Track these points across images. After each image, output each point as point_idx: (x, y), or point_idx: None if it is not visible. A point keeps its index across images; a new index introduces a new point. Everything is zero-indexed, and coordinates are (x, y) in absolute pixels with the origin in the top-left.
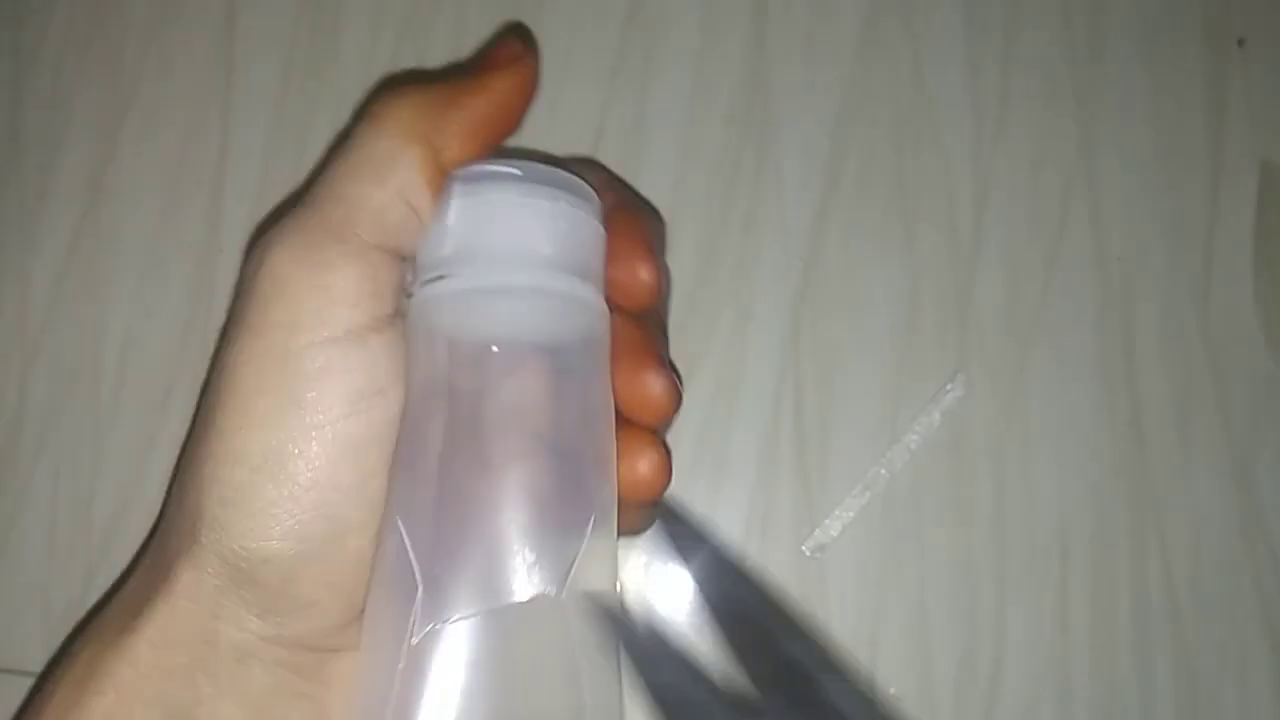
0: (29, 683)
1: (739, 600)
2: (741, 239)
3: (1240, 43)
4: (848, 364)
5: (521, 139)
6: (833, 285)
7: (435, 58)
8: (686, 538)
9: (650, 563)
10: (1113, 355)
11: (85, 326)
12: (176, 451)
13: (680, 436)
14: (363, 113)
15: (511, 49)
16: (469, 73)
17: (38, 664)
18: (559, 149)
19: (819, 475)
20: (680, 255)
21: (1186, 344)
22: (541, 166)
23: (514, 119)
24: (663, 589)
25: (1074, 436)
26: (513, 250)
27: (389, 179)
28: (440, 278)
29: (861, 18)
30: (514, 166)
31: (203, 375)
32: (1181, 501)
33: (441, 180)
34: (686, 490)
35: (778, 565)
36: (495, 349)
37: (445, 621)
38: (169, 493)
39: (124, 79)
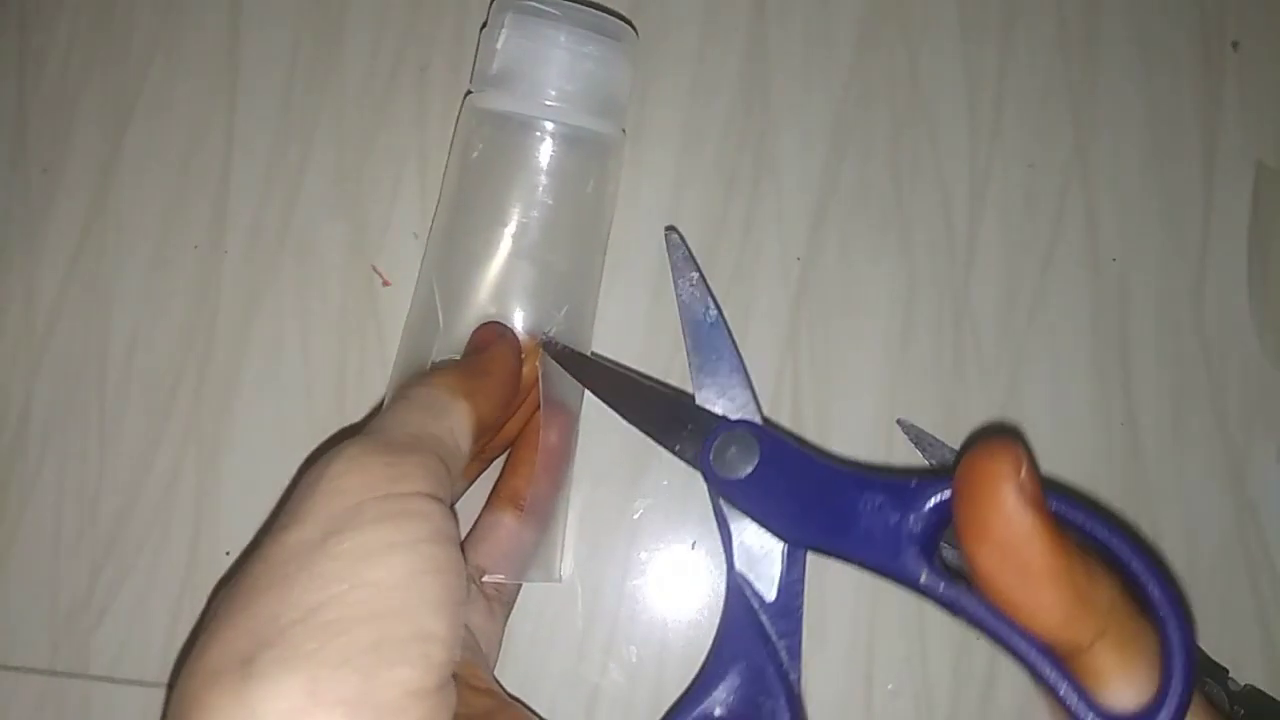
0: (35, 680)
1: None
2: (740, 241)
3: (1234, 45)
4: (845, 364)
5: None
6: (831, 286)
7: (436, 59)
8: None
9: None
10: (1107, 354)
11: (91, 326)
12: (181, 450)
13: None
14: (402, 391)
15: (491, 330)
16: (472, 354)
17: (43, 662)
18: None
19: None
20: None
21: (1181, 344)
22: (580, 9)
23: (516, 381)
24: None
25: (1069, 435)
26: (542, 78)
27: (444, 419)
28: (484, 90)
29: (859, 21)
30: (557, 8)
31: (207, 375)
32: (1176, 499)
33: (478, 428)
34: (685, 489)
35: None
36: (517, 148)
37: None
38: None
39: (129, 82)
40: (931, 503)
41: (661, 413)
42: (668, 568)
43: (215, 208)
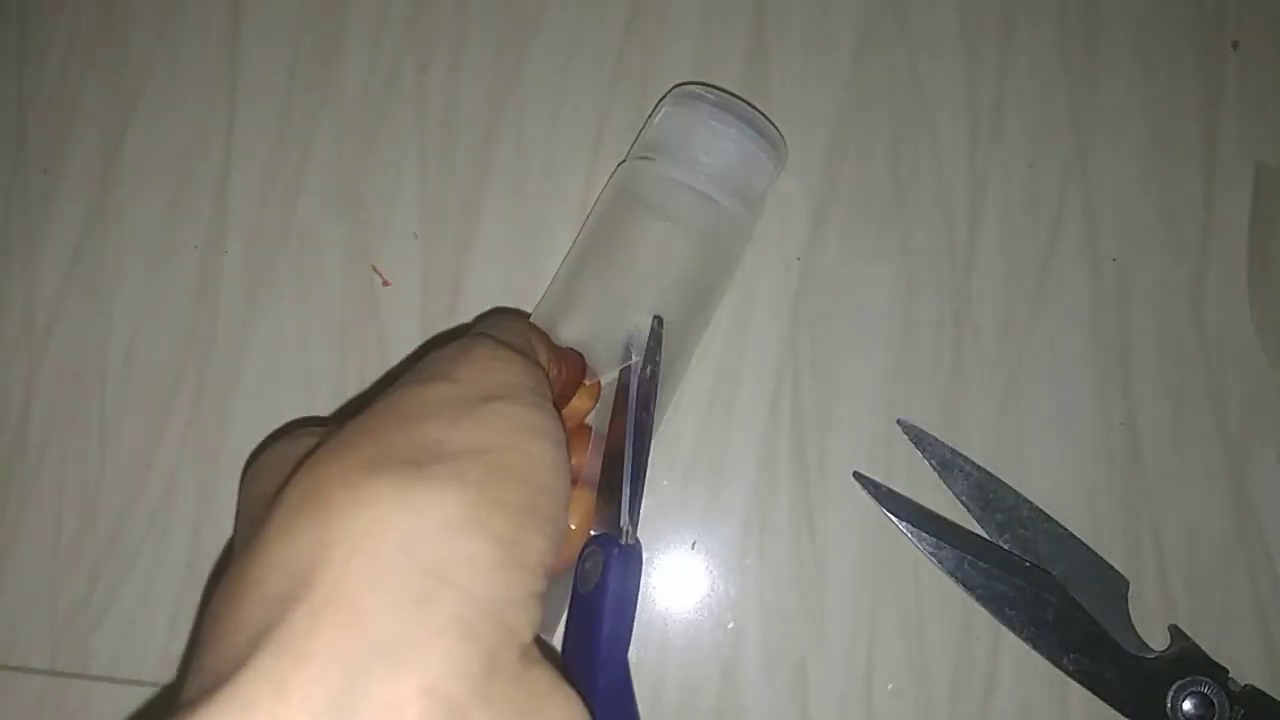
0: (35, 680)
1: None
2: None
3: (1234, 45)
4: (845, 364)
5: (522, 140)
6: (830, 286)
7: (436, 60)
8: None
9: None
10: (1108, 356)
11: (91, 326)
12: (181, 450)
13: (680, 436)
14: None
15: (574, 355)
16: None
17: (43, 662)
18: (560, 150)
19: (817, 474)
20: None
21: (1181, 344)
22: (735, 102)
23: (567, 398)
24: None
25: (1069, 437)
26: (692, 157)
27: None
28: (642, 159)
29: (859, 20)
30: (715, 94)
31: (207, 375)
32: (1176, 501)
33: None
34: (685, 489)
35: (776, 562)
36: (650, 220)
37: None
38: None
39: (129, 82)
40: None
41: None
42: (668, 568)
43: (215, 208)
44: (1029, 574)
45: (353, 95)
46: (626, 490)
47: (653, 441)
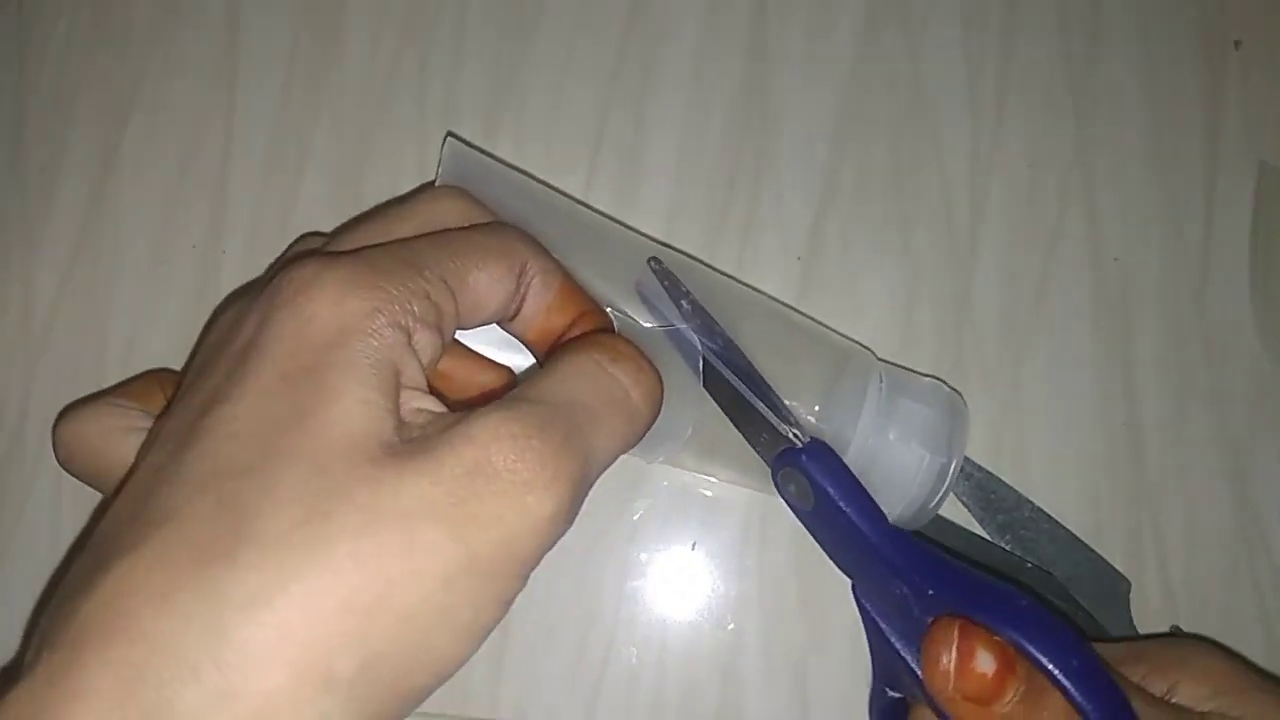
0: None
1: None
2: (740, 242)
3: (1236, 44)
4: None
5: (522, 141)
6: (831, 287)
7: (436, 59)
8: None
9: None
10: (1110, 355)
11: (89, 328)
12: None
13: None
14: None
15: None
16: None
17: None
18: (560, 152)
19: None
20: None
21: (1183, 344)
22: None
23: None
24: None
25: (1071, 436)
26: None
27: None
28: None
29: (860, 21)
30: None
31: None
32: (1178, 501)
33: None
34: (685, 489)
35: (777, 562)
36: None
37: None
38: None
39: (127, 81)
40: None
41: (744, 411)
42: (668, 569)
43: (214, 207)
44: (1031, 575)
45: (352, 93)
46: (763, 407)
47: (738, 346)
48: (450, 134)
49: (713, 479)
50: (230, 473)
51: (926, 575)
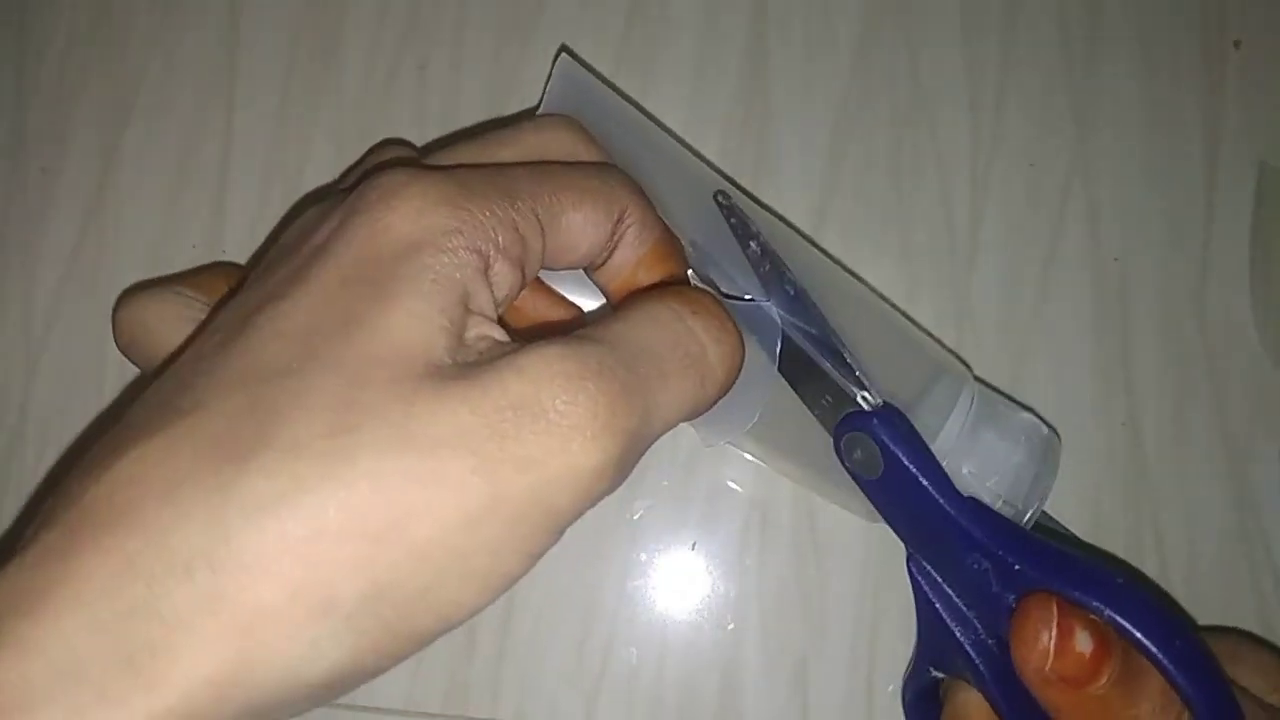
0: None
1: None
2: None
3: (1236, 44)
4: None
5: None
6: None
7: (436, 59)
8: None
9: None
10: (1109, 355)
11: (89, 326)
12: None
13: (680, 436)
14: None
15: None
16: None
17: None
18: None
19: None
20: None
21: (1183, 344)
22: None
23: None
24: None
25: (1070, 435)
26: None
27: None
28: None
29: (860, 19)
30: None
31: None
32: (1178, 501)
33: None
34: (685, 490)
35: (776, 562)
36: None
37: None
38: None
39: (127, 81)
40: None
41: (808, 371)
42: (668, 569)
43: (214, 207)
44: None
45: (351, 94)
46: (830, 367)
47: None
48: (564, 48)
49: (759, 463)
50: (268, 373)
51: (1010, 549)
